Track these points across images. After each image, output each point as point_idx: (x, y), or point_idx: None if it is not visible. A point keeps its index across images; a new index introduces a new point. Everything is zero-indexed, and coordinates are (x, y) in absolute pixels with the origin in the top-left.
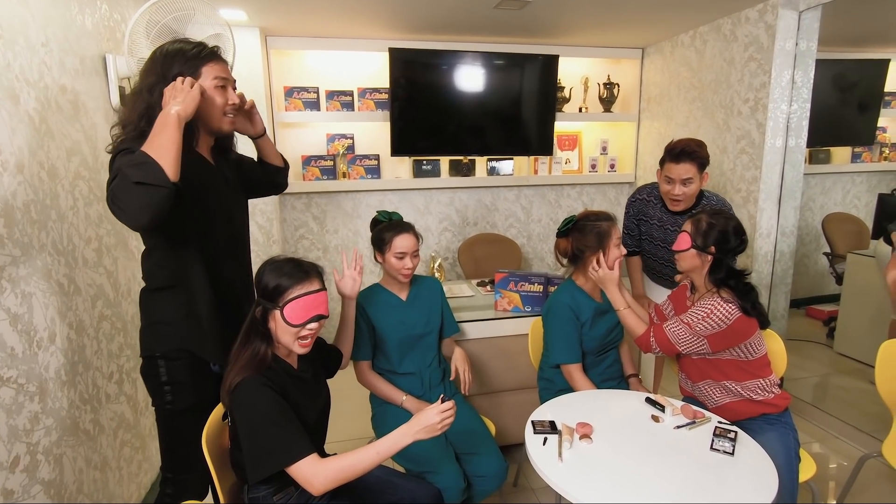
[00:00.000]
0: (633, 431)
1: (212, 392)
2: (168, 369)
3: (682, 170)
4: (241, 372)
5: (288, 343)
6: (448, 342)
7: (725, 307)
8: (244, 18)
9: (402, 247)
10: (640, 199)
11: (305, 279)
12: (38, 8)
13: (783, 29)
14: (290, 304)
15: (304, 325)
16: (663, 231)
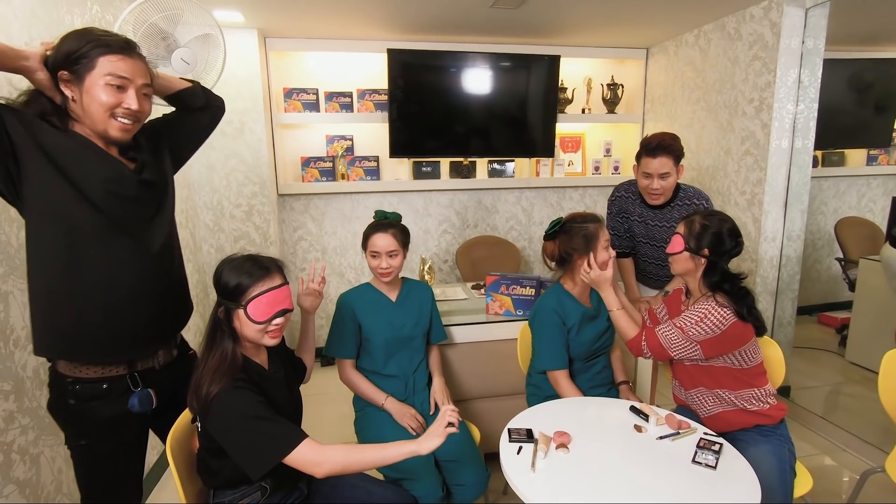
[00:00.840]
0: (613, 441)
1: (141, 427)
2: (83, 411)
3: (658, 164)
4: (215, 378)
5: (256, 338)
6: (434, 351)
7: (720, 312)
8: (241, 20)
9: (377, 246)
10: (620, 197)
11: (266, 275)
12: (23, 7)
13: (788, 27)
14: (254, 301)
15: (270, 322)
16: (645, 227)
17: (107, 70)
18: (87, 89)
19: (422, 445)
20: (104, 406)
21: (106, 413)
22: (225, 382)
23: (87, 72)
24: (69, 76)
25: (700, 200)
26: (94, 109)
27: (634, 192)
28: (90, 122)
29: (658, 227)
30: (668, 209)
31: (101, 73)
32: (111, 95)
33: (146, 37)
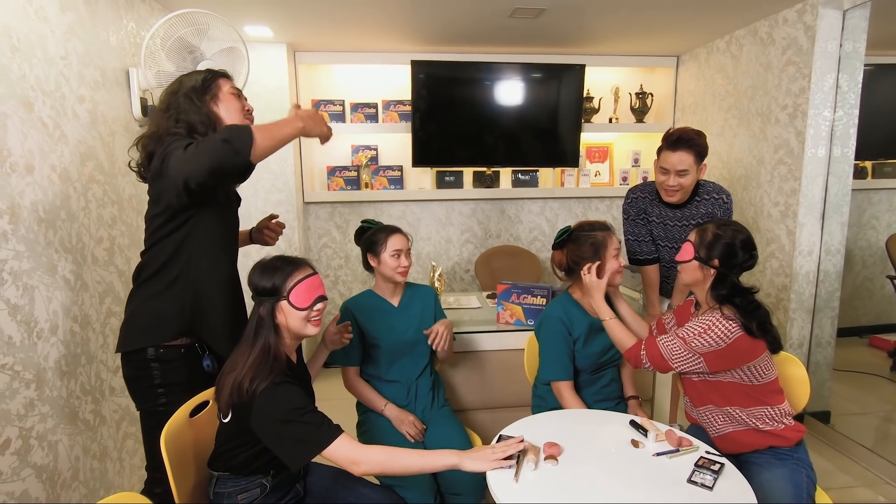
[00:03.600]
0: (607, 456)
1: (201, 389)
2: (163, 371)
3: (677, 159)
4: (259, 374)
5: (300, 327)
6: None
7: (725, 324)
8: (270, 35)
9: (398, 244)
10: (637, 198)
11: (299, 267)
12: (60, 24)
13: (824, 29)
14: (294, 290)
15: (312, 307)
16: (665, 228)
17: (228, 87)
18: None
19: (465, 462)
20: (183, 367)
21: (184, 373)
22: (272, 378)
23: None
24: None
25: (720, 195)
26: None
27: (651, 191)
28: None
29: (679, 227)
30: (688, 207)
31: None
32: (238, 100)
33: (173, 50)
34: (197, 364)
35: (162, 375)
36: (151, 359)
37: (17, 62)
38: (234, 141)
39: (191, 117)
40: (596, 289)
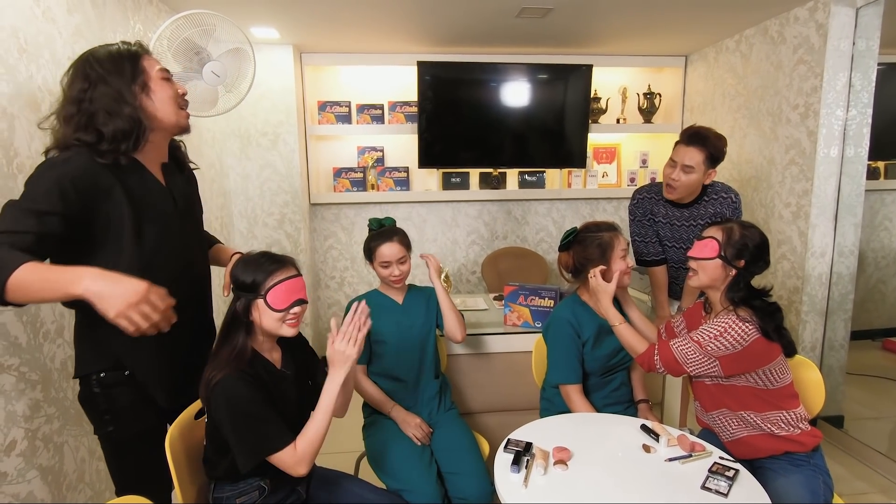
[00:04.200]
0: (618, 461)
1: (158, 418)
2: (105, 397)
3: (687, 155)
4: (222, 368)
5: (274, 328)
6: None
7: (741, 327)
8: (277, 36)
9: (386, 255)
10: (643, 199)
11: (282, 267)
12: (67, 25)
13: (837, 27)
14: (273, 290)
15: (288, 310)
16: (672, 228)
17: (157, 67)
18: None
19: (335, 373)
20: (124, 393)
21: (127, 398)
22: (229, 371)
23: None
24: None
25: (729, 194)
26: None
27: (657, 191)
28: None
29: (686, 227)
30: (696, 206)
31: (155, 74)
32: (169, 87)
33: (180, 51)
34: (145, 389)
35: (106, 401)
36: (94, 384)
37: (24, 63)
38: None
39: (115, 124)
40: (603, 293)
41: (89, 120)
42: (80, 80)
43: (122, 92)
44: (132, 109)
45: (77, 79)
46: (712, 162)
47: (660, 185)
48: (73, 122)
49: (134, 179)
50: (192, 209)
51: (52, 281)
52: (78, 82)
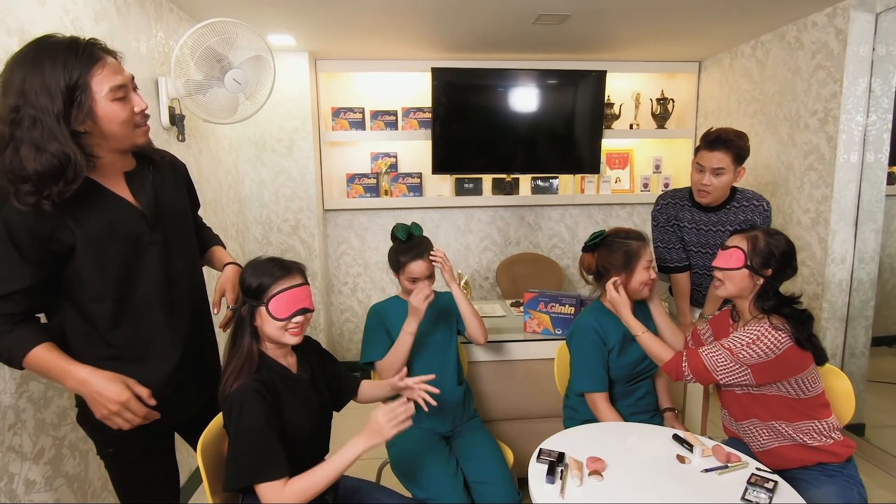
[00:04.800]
0: (653, 471)
1: (160, 435)
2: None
3: (714, 158)
4: (236, 377)
5: (276, 336)
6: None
7: (774, 335)
8: (293, 43)
9: (416, 272)
10: (667, 204)
11: (287, 275)
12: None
13: (856, 33)
14: (275, 298)
15: (290, 319)
16: (699, 233)
17: (108, 85)
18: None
19: (368, 441)
20: None
21: None
22: (242, 380)
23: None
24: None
25: (761, 202)
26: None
27: (682, 196)
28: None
29: (713, 233)
30: (723, 211)
31: (102, 95)
32: (122, 109)
33: (203, 59)
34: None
35: (103, 423)
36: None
37: None
38: (2, 356)
39: (34, 165)
40: (621, 305)
41: (14, 153)
42: (14, 94)
43: (54, 130)
44: (60, 145)
45: (10, 91)
46: (740, 160)
47: (684, 191)
48: (1, 151)
49: (84, 206)
50: (172, 215)
51: (51, 372)
52: (11, 96)
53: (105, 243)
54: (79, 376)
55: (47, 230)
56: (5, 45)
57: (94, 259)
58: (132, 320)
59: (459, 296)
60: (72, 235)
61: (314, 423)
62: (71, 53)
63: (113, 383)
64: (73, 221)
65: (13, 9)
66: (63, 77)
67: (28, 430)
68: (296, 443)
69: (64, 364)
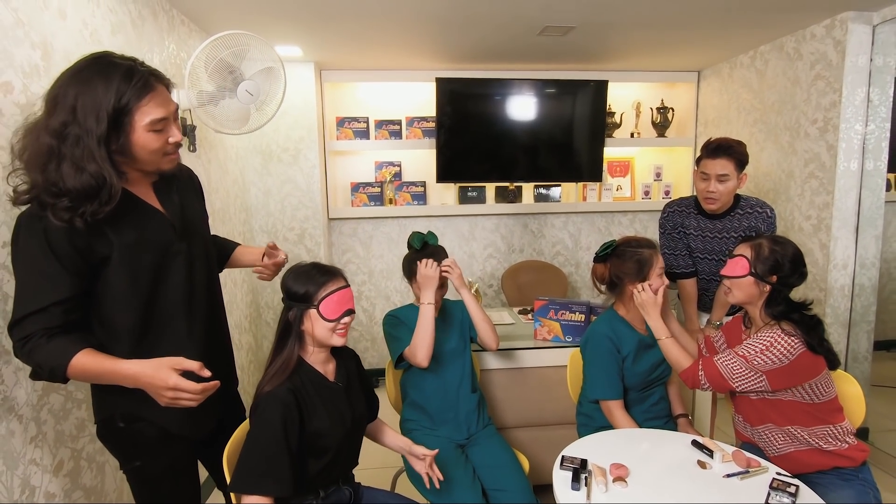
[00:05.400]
0: (676, 477)
1: (186, 448)
2: (130, 432)
3: (718, 166)
4: (271, 380)
5: (325, 337)
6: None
7: (787, 341)
8: (300, 54)
9: None
10: (673, 212)
11: (333, 278)
12: (112, 47)
13: (854, 44)
14: (325, 300)
15: (339, 320)
16: (703, 240)
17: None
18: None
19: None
20: (150, 425)
21: (152, 432)
22: (275, 383)
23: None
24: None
25: (764, 208)
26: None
27: (688, 204)
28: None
29: (718, 239)
30: (728, 218)
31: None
32: (156, 140)
33: (216, 71)
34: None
35: (130, 436)
36: (118, 418)
37: None
38: (44, 370)
39: (73, 182)
40: (652, 306)
41: (57, 167)
42: (65, 110)
43: (94, 152)
44: (98, 167)
45: (62, 106)
46: (741, 166)
47: (690, 199)
48: (45, 164)
49: (119, 216)
50: (194, 224)
51: (101, 376)
52: (62, 112)
53: (138, 252)
54: (129, 373)
55: (85, 240)
56: (29, 57)
57: (127, 268)
58: (156, 330)
59: (471, 302)
60: (108, 245)
61: (344, 433)
62: (125, 80)
63: (159, 371)
64: (110, 230)
65: (36, 23)
66: (113, 101)
67: (49, 442)
68: (322, 452)
69: (110, 364)
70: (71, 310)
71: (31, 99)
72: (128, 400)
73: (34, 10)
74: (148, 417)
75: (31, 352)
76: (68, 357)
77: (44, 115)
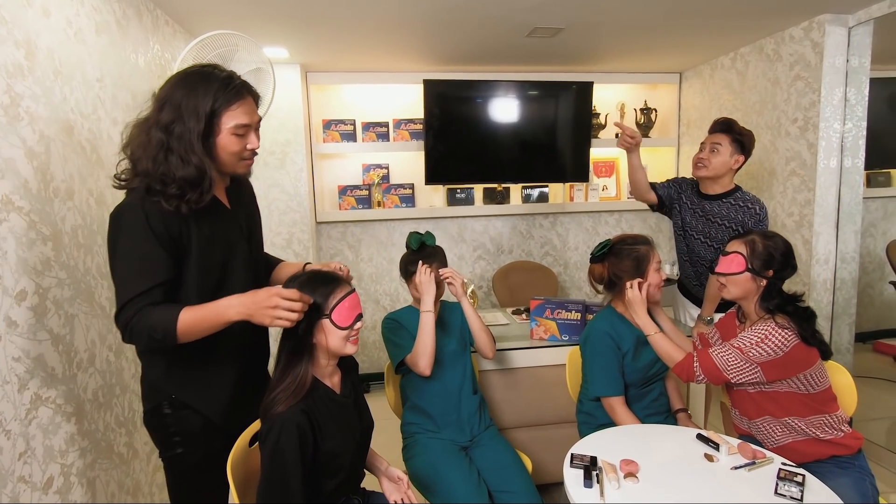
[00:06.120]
0: (685, 471)
1: (224, 441)
2: (176, 419)
3: (715, 137)
4: (283, 399)
5: (339, 346)
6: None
7: (781, 333)
8: (286, 56)
9: None
10: (677, 180)
11: (339, 284)
12: (97, 47)
13: (832, 46)
14: (337, 308)
15: (352, 326)
16: (694, 216)
17: (233, 123)
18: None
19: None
20: (195, 415)
21: (198, 421)
22: (290, 403)
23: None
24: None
25: (755, 205)
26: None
27: (690, 182)
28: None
29: (709, 222)
30: (720, 203)
31: (227, 129)
32: (236, 144)
33: None
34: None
35: (177, 423)
36: (165, 405)
37: (59, 85)
38: (157, 333)
39: (181, 172)
40: (639, 304)
41: (165, 158)
42: (173, 108)
43: (194, 145)
44: (199, 159)
45: (171, 105)
46: (740, 147)
47: (693, 180)
48: (156, 154)
49: (207, 212)
50: (255, 229)
51: (207, 319)
52: (171, 110)
53: (212, 248)
54: (233, 303)
55: (177, 229)
56: (13, 56)
57: (201, 263)
58: None
59: (470, 312)
60: (190, 236)
61: (355, 448)
62: (222, 86)
63: (258, 293)
64: (194, 224)
65: (20, 21)
66: (210, 103)
67: (37, 458)
68: (337, 470)
69: (212, 306)
70: (168, 291)
71: (14, 99)
72: (177, 389)
73: (17, 8)
74: (194, 406)
75: (140, 319)
76: (176, 313)
77: (154, 112)
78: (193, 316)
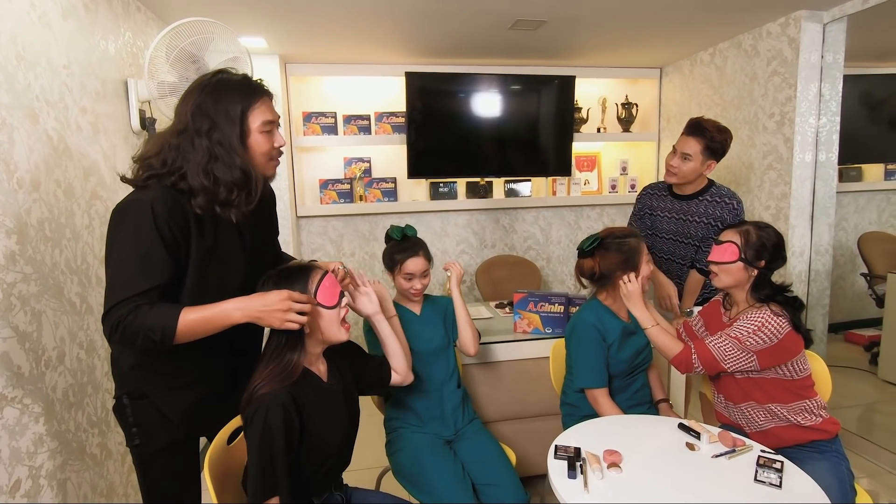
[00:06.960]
0: (667, 460)
1: (184, 433)
2: (134, 410)
3: (686, 144)
4: (268, 382)
5: (334, 333)
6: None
7: (776, 321)
8: (264, 46)
9: (411, 269)
10: (647, 194)
11: (312, 270)
12: (63, 32)
13: (808, 42)
14: (318, 292)
15: (339, 304)
16: (670, 221)
17: (260, 120)
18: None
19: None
20: (150, 406)
21: (155, 413)
22: (275, 386)
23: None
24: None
25: (731, 200)
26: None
27: (662, 187)
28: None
29: (684, 222)
30: (696, 202)
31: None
32: (266, 141)
33: (178, 60)
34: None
35: (133, 414)
36: (125, 396)
37: (22, 71)
38: (155, 334)
39: (227, 176)
40: (637, 297)
41: (209, 163)
42: (206, 116)
43: (235, 150)
44: (243, 161)
45: (203, 113)
46: (711, 153)
47: (664, 183)
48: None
49: (211, 223)
50: (262, 245)
51: (210, 321)
52: (204, 118)
53: (210, 258)
54: (240, 305)
55: (181, 235)
56: None
57: (199, 272)
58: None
59: (460, 305)
60: (190, 246)
61: (342, 436)
62: (242, 87)
63: (270, 293)
64: (196, 233)
65: None
66: (239, 106)
67: (3, 460)
68: (323, 459)
69: (217, 308)
70: (164, 294)
71: None
72: (142, 380)
73: None
74: (152, 398)
75: (136, 319)
76: (177, 313)
77: (188, 123)
78: (195, 317)
